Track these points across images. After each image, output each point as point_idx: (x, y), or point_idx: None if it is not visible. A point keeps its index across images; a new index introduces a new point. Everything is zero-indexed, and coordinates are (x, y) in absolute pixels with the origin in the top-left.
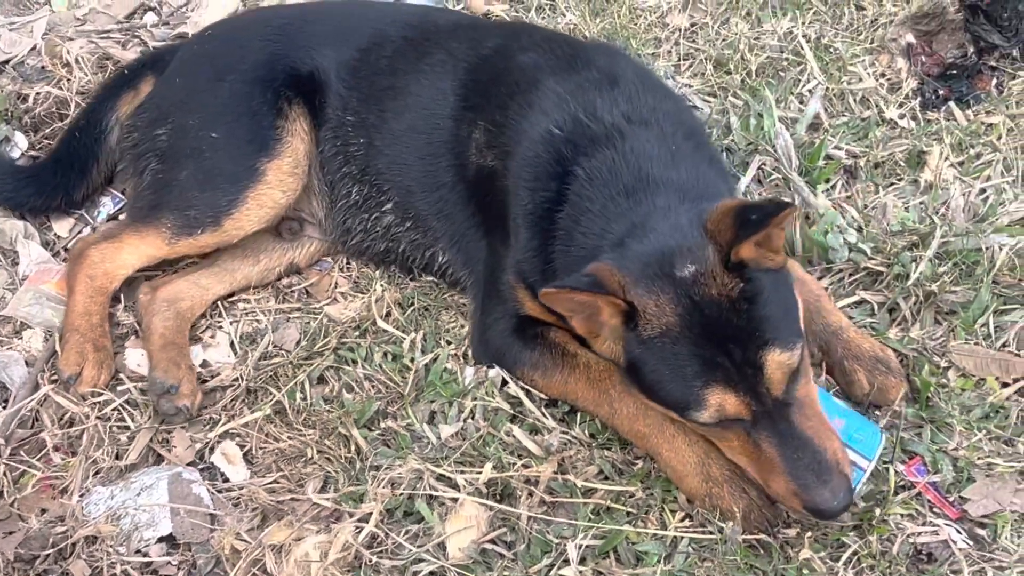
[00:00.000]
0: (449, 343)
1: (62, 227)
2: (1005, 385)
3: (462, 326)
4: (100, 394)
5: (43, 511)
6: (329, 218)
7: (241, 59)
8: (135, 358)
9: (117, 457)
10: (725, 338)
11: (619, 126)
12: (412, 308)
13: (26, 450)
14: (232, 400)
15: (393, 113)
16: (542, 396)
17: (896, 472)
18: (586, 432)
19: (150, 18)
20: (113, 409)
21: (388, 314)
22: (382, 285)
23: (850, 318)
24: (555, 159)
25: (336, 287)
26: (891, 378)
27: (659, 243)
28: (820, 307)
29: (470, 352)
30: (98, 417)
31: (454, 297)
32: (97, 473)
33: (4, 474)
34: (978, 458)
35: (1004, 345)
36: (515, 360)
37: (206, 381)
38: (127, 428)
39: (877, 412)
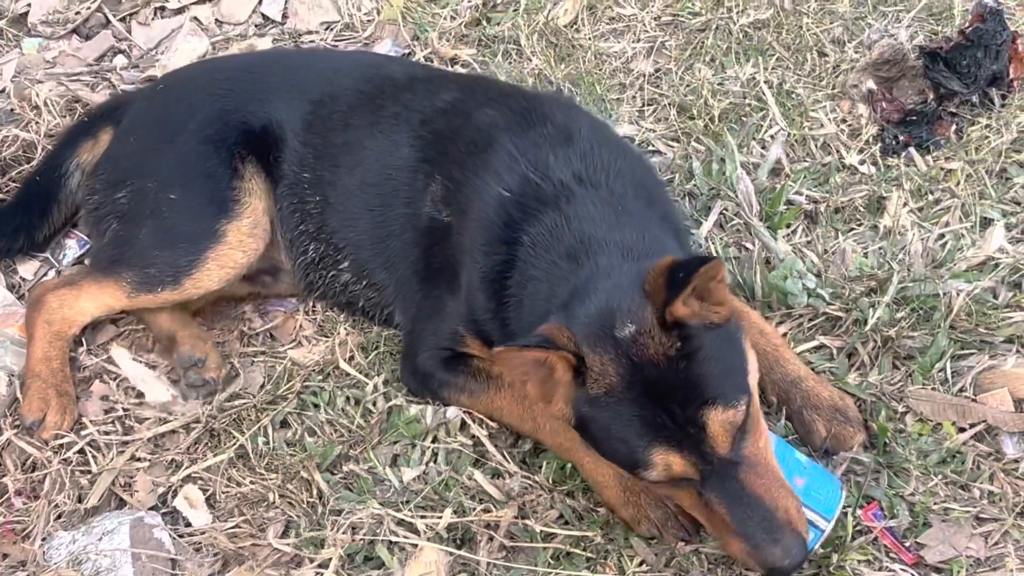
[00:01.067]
0: None
1: (27, 270)
2: (962, 430)
3: None
4: (63, 437)
5: (4, 556)
6: (293, 271)
7: (191, 116)
8: (96, 404)
9: (79, 500)
10: (665, 397)
11: (568, 186)
12: (375, 351)
13: None
14: (195, 443)
15: (347, 168)
16: (505, 439)
17: (853, 518)
18: (549, 479)
19: (120, 60)
20: (76, 452)
21: (351, 358)
22: (346, 329)
23: (809, 363)
24: (505, 223)
25: (300, 330)
26: (848, 427)
27: (600, 304)
28: (779, 357)
29: (400, 378)
30: (61, 461)
31: None
32: (59, 517)
33: None
34: (934, 503)
35: (961, 390)
36: (440, 383)
37: (168, 421)
38: (89, 472)
39: (834, 458)
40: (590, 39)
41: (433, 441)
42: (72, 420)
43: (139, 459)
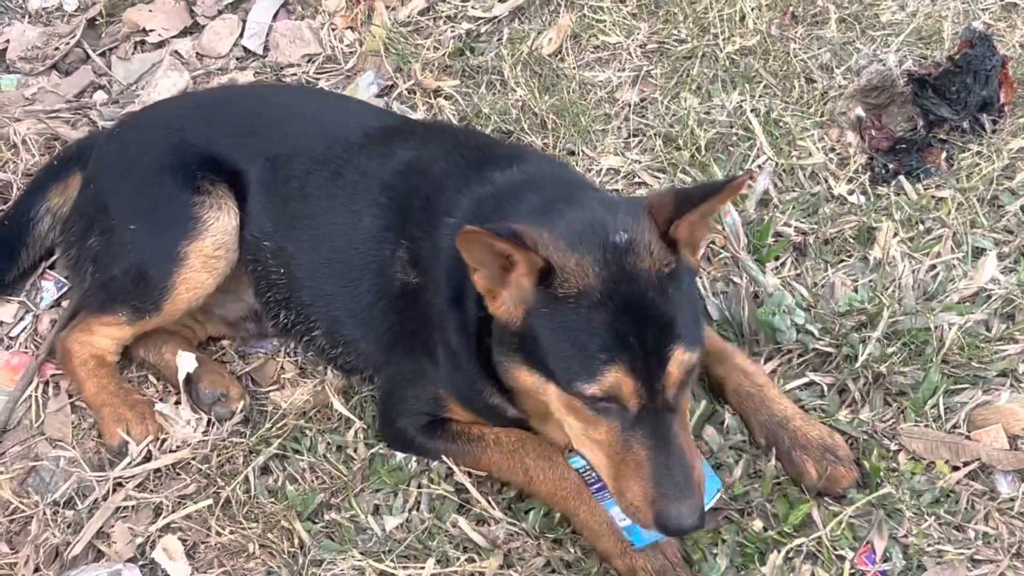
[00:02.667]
0: None
1: (5, 313)
2: (955, 468)
3: None
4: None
5: None
6: (267, 327)
7: (146, 150)
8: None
9: (57, 554)
10: (642, 319)
11: (517, 187)
12: (357, 395)
13: None
14: (176, 489)
15: (310, 244)
16: (491, 485)
17: (848, 561)
18: (536, 526)
19: (100, 96)
20: (52, 503)
21: (330, 404)
22: (330, 371)
23: (799, 400)
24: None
25: (282, 371)
26: (840, 467)
27: (590, 216)
28: (764, 397)
29: (381, 437)
30: (49, 504)
31: None
32: (36, 571)
33: None
34: (928, 545)
35: (955, 427)
36: (422, 449)
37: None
38: (69, 524)
39: (828, 500)
40: (575, 68)
41: (417, 487)
42: (155, 425)
43: (121, 508)
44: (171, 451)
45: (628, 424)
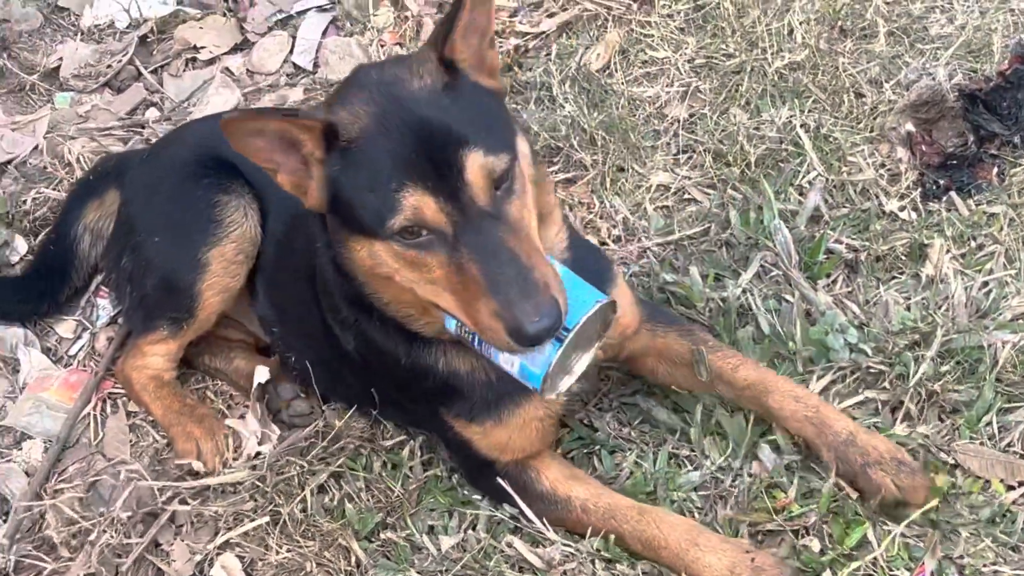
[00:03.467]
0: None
1: (65, 329)
2: (1010, 488)
3: None
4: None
5: None
6: None
7: (173, 164)
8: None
9: (117, 572)
10: (424, 137)
11: None
12: None
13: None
14: (233, 505)
15: (305, 343)
16: None
17: None
18: (592, 546)
19: (152, 114)
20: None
21: (385, 427)
22: None
23: (854, 418)
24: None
25: None
26: (916, 477)
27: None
28: (823, 418)
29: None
30: (103, 530)
31: None
32: None
33: None
34: (984, 565)
35: (1009, 445)
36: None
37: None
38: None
39: (908, 513)
40: (623, 84)
41: (473, 508)
42: (223, 439)
43: (180, 526)
44: (232, 469)
45: (451, 248)
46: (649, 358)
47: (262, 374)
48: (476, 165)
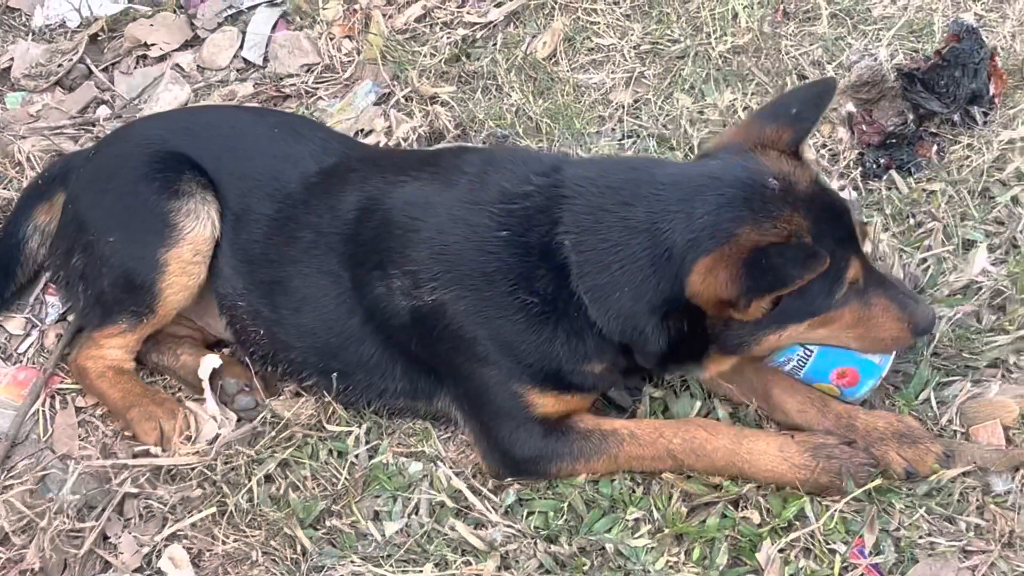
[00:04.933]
0: (392, 432)
1: (14, 326)
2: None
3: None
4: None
5: None
6: None
7: (123, 163)
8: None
9: (66, 565)
10: (833, 210)
11: (550, 174)
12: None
13: None
14: (181, 492)
15: (290, 309)
16: (485, 488)
17: (839, 555)
18: (531, 525)
19: (103, 112)
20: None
21: (333, 413)
22: None
23: None
24: (525, 249)
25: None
26: (920, 446)
27: (728, 184)
28: (822, 404)
29: (486, 470)
30: (53, 516)
31: None
32: None
33: None
34: (919, 537)
35: (949, 421)
36: (551, 460)
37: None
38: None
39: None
40: (569, 72)
41: (417, 493)
42: (185, 418)
43: (127, 516)
44: (185, 453)
45: (860, 293)
46: None
47: (212, 361)
48: (860, 229)
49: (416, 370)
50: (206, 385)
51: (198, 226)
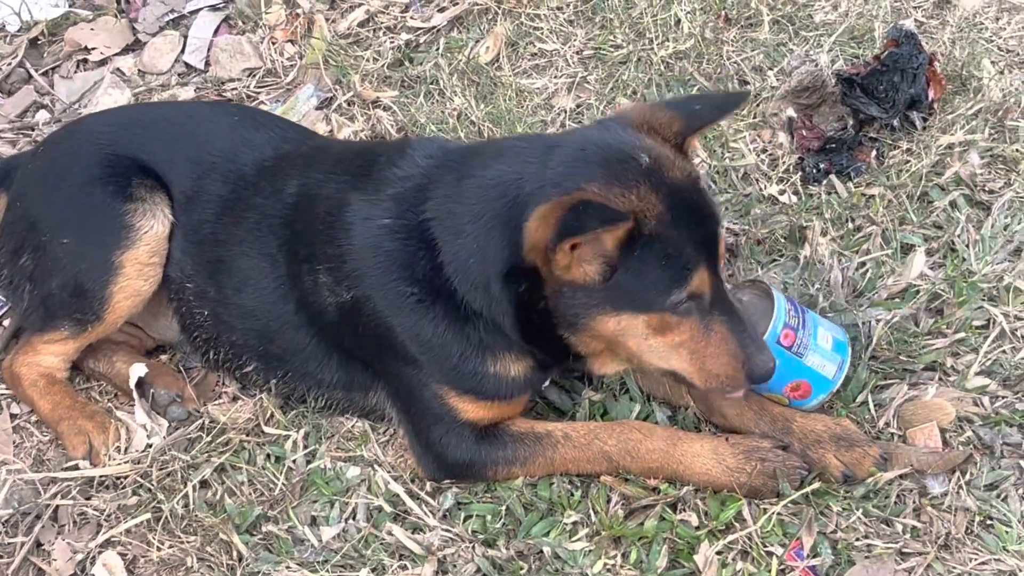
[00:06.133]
0: (331, 436)
1: None
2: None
3: (341, 423)
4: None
5: None
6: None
7: (74, 163)
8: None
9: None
10: (699, 216)
11: (436, 155)
12: (295, 411)
13: None
14: (116, 500)
15: (233, 289)
16: (423, 492)
17: (776, 557)
18: (469, 529)
19: (43, 116)
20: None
21: (271, 417)
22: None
23: None
24: (405, 236)
25: (223, 385)
26: (858, 449)
27: (598, 149)
28: (760, 406)
29: (420, 474)
30: None
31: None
32: None
33: None
34: (856, 539)
35: (886, 424)
36: (486, 464)
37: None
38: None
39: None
40: (511, 76)
41: (354, 498)
42: (116, 432)
43: (61, 522)
44: (119, 463)
45: (704, 312)
46: None
47: (139, 370)
48: (723, 241)
49: (351, 363)
50: (135, 395)
51: (155, 224)
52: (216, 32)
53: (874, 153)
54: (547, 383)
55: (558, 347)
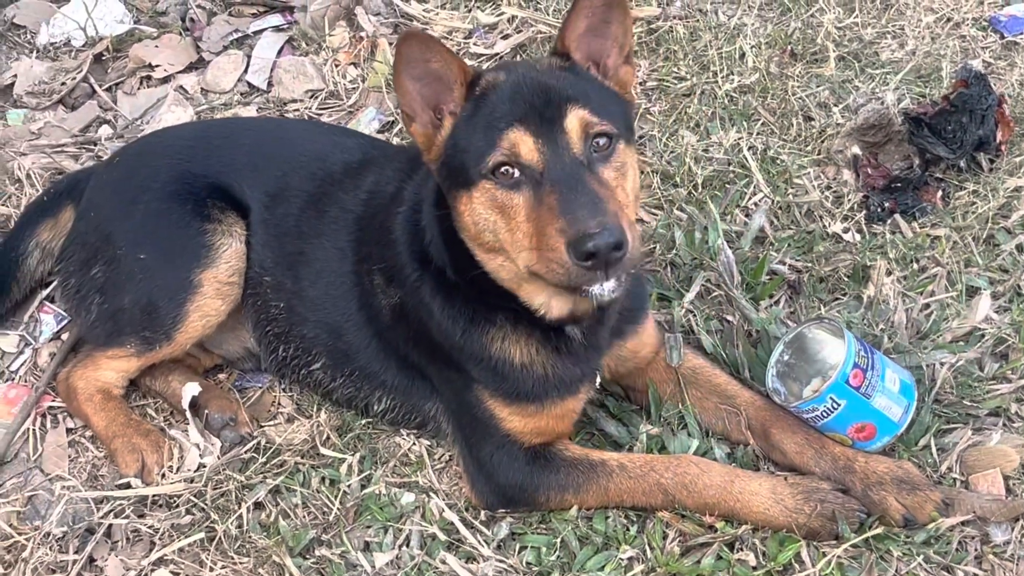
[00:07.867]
0: (386, 461)
1: (7, 344)
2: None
3: (398, 446)
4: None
5: None
6: (264, 362)
7: (153, 178)
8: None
9: None
10: (539, 92)
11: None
12: (351, 433)
13: None
14: (170, 519)
15: (308, 280)
16: (478, 521)
17: None
18: (523, 562)
19: (105, 131)
20: (47, 534)
21: (327, 439)
22: (325, 409)
23: None
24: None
25: (279, 406)
26: (919, 494)
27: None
28: (820, 445)
29: (474, 501)
30: (37, 545)
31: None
32: None
33: None
34: None
35: (948, 469)
36: (537, 488)
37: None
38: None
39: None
40: None
41: (408, 524)
42: (169, 451)
43: (116, 541)
44: (173, 481)
45: (537, 185)
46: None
47: (192, 389)
48: (576, 117)
49: (408, 368)
50: (188, 414)
51: (234, 242)
52: (279, 53)
53: (940, 194)
54: (591, 392)
55: (485, 279)
